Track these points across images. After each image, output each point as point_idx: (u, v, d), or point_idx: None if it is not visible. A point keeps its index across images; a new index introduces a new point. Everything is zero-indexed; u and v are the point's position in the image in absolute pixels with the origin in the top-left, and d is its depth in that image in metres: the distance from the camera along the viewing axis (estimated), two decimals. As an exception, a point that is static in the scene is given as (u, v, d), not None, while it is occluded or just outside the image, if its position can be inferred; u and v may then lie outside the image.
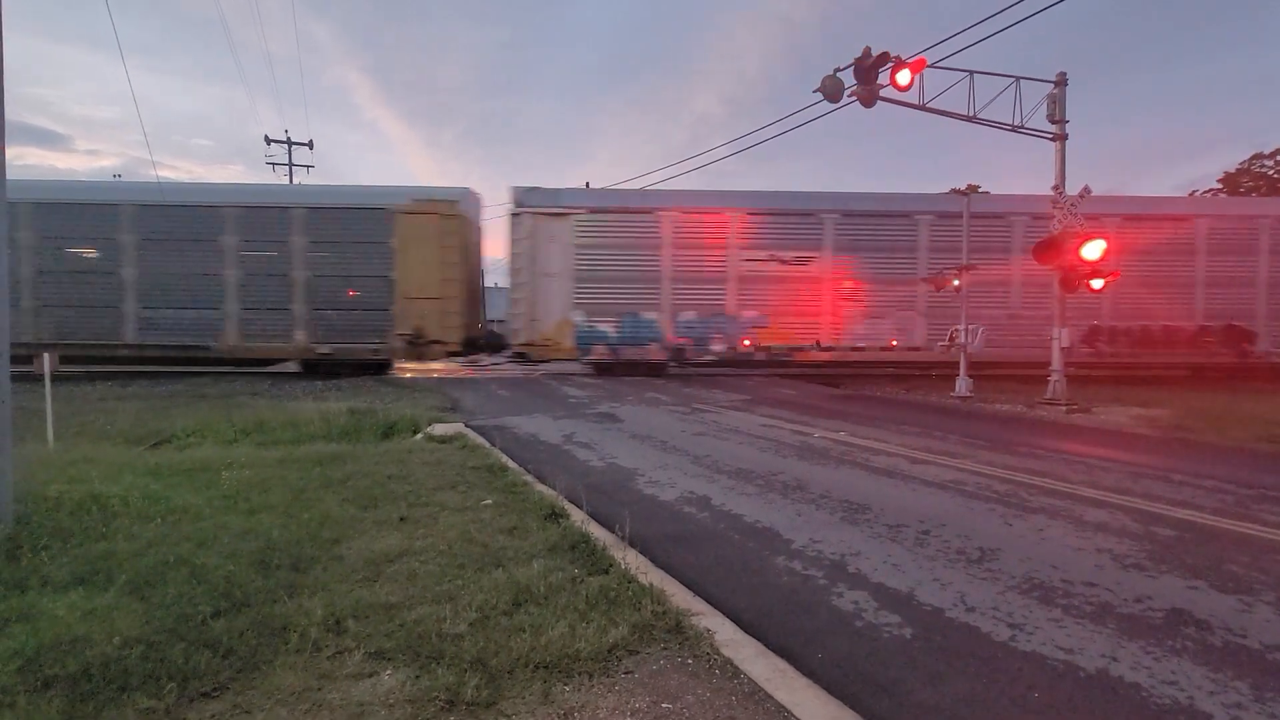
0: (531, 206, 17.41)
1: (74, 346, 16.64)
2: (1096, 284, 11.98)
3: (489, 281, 23.75)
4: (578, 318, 17.54)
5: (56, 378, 7.87)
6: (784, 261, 17.66)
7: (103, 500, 4.59)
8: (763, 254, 17.64)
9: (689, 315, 17.72)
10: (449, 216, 17.19)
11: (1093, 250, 11.68)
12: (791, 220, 17.79)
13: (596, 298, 17.59)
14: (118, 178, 19.40)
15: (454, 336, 17.33)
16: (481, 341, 19.20)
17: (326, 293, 17.32)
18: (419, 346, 17.25)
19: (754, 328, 17.75)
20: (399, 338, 17.22)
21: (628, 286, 17.62)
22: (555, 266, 17.44)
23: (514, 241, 17.51)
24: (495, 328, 22.89)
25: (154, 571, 3.44)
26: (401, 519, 4.63)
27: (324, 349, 17.28)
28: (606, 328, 17.64)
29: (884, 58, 11.37)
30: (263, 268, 17.23)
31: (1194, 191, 37.83)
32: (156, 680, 2.47)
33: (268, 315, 17.19)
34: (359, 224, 17.27)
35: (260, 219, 17.23)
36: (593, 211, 17.59)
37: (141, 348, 17.24)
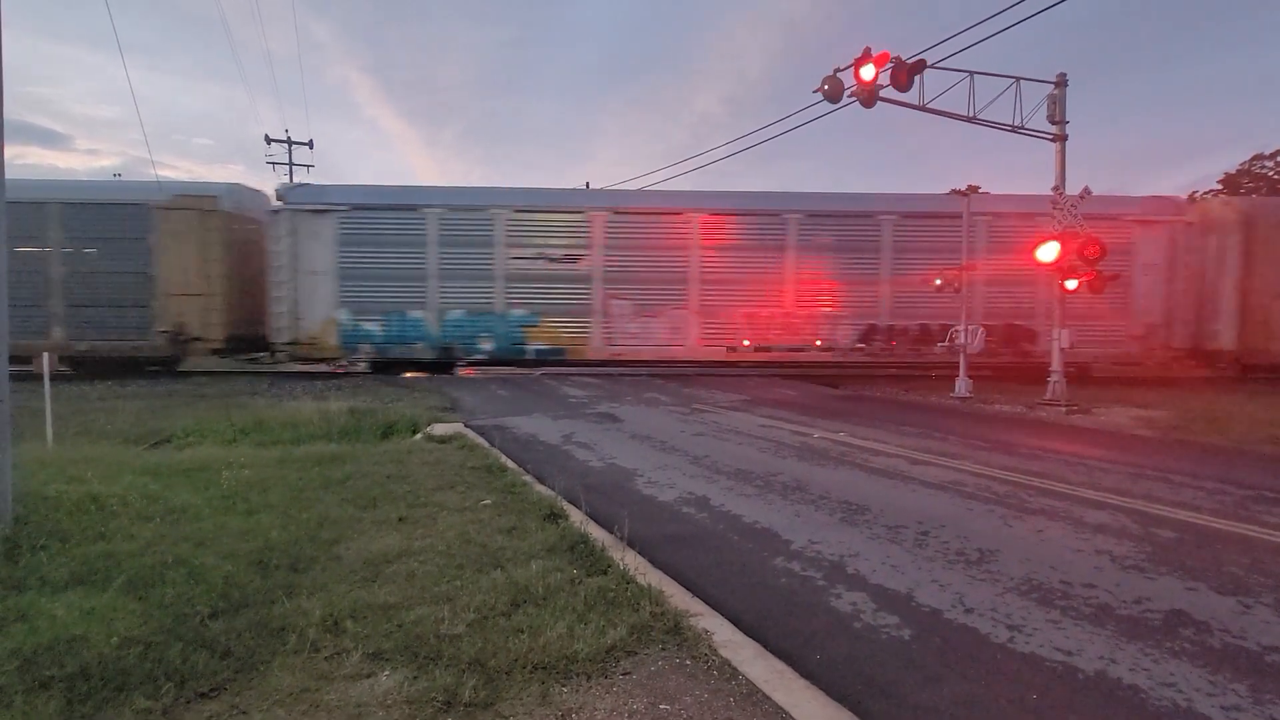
0: (294, 203, 17.10)
1: None
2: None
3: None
4: (343, 316, 17.18)
5: (56, 377, 7.87)
6: (552, 260, 17.53)
7: (101, 500, 4.59)
8: (531, 252, 17.49)
9: (457, 314, 17.43)
10: (210, 213, 16.88)
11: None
12: (563, 218, 17.55)
13: (362, 296, 17.19)
14: (117, 176, 19.34)
15: (216, 334, 17.00)
16: (261, 341, 18.24)
17: (85, 289, 16.85)
18: (181, 344, 16.95)
19: (523, 326, 17.52)
20: (160, 334, 16.87)
21: (394, 285, 17.26)
22: (320, 264, 17.06)
23: (275, 239, 17.08)
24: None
25: (152, 571, 3.44)
26: (400, 519, 4.63)
27: (82, 346, 16.89)
28: (373, 326, 17.25)
29: (883, 58, 11.37)
30: (16, 264, 16.47)
31: (1194, 193, 37.79)
32: (154, 680, 2.47)
33: (23, 312, 16.45)
34: (117, 220, 16.81)
35: (14, 214, 16.93)
36: (357, 208, 17.20)
37: None
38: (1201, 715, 2.53)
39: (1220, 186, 37.15)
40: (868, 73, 11.35)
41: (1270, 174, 35.81)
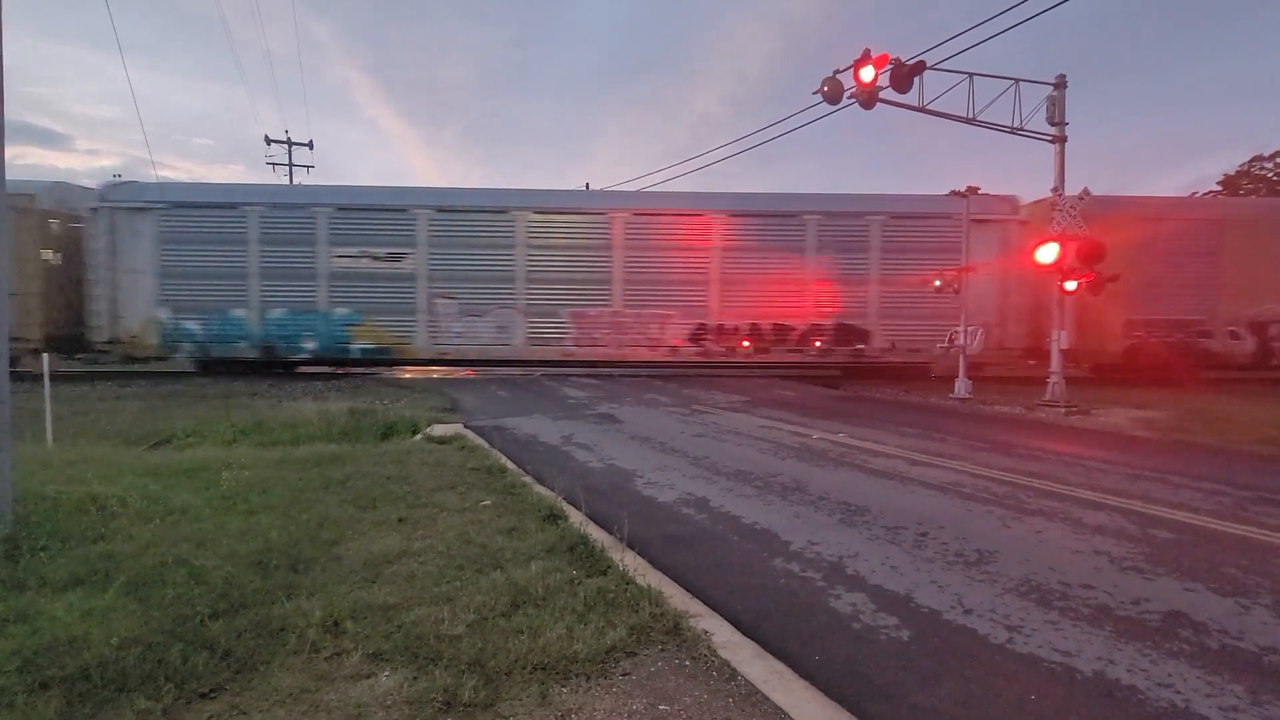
0: (113, 201, 16.86)
1: None
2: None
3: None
4: (164, 315, 16.95)
5: (55, 377, 7.87)
6: (376, 258, 17.35)
7: (101, 501, 4.59)
8: (355, 251, 17.30)
9: (279, 312, 17.22)
10: (25, 210, 16.64)
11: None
12: (387, 216, 17.42)
13: (183, 295, 16.96)
14: (117, 177, 19.30)
15: (34, 334, 16.73)
16: (83, 339, 17.87)
17: None
18: None
19: (347, 325, 17.34)
20: None
21: (216, 283, 17.03)
22: (140, 263, 16.85)
23: (93, 237, 16.89)
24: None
25: (152, 572, 3.45)
26: (400, 520, 4.64)
27: None
28: (194, 325, 17.02)
29: (882, 59, 11.39)
30: None
31: (1194, 193, 37.83)
32: (154, 681, 2.48)
33: None
34: None
35: None
36: (177, 206, 17.01)
37: None
38: (1199, 716, 2.54)
39: (1220, 188, 37.18)
40: (867, 74, 11.37)
41: (1269, 175, 35.85)
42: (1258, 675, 2.84)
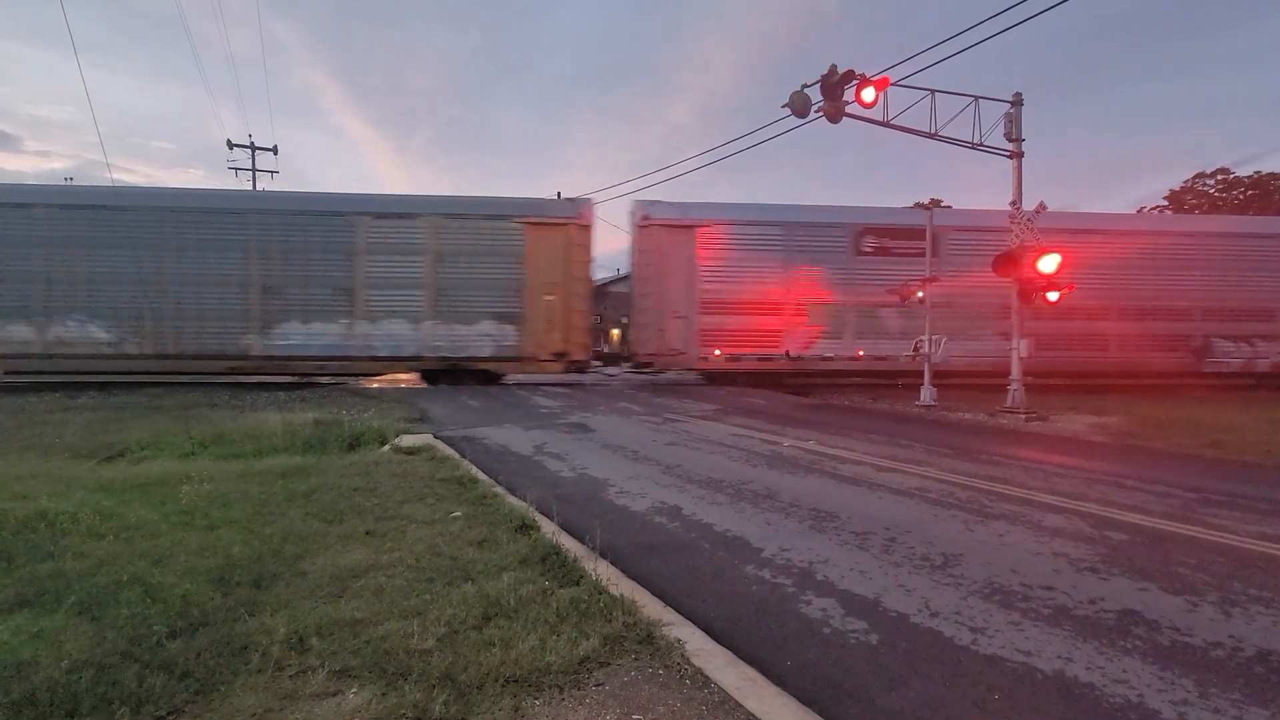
0: None
1: None
2: (1052, 296, 12.45)
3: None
4: None
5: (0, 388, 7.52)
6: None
7: (50, 517, 4.40)
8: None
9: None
10: None
11: (1049, 264, 12.17)
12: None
13: None
14: (69, 181, 18.69)
15: None
16: None
17: None
18: None
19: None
20: None
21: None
22: None
23: None
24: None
25: (106, 591, 3.31)
26: (368, 533, 4.54)
27: None
28: None
29: (849, 75, 11.68)
30: None
31: (1142, 208, 39.53)
32: (108, 704, 2.38)
33: None
34: None
35: None
36: None
37: None
38: (1152, 710, 2.64)
39: (1166, 203, 38.93)
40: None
41: (1211, 191, 37.68)
42: (1206, 670, 2.96)
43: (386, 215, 17.69)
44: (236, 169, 29.71)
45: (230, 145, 29.32)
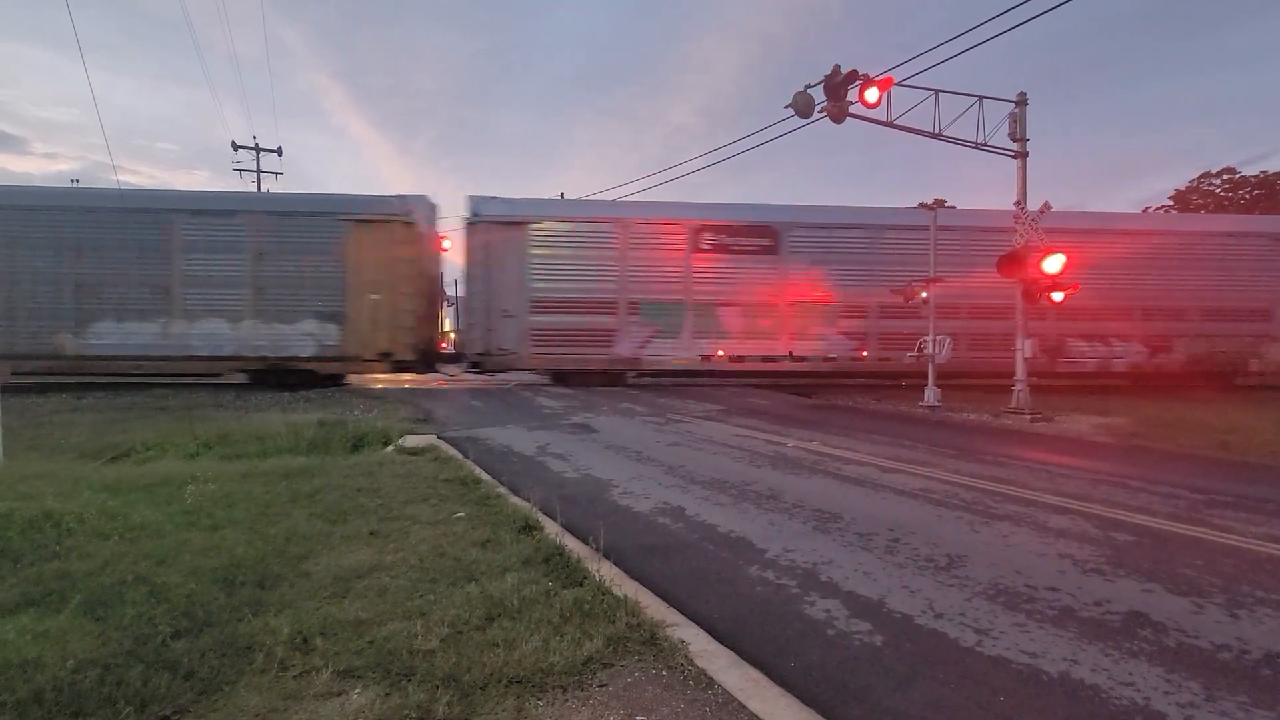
0: None
1: None
2: (1057, 296, 12.41)
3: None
4: None
5: (6, 389, 7.56)
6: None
7: (56, 517, 4.42)
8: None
9: None
10: None
11: (1054, 264, 12.12)
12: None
13: None
14: (75, 182, 18.77)
15: None
16: None
17: None
18: None
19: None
20: None
21: None
22: None
23: None
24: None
25: (111, 591, 3.33)
26: (372, 533, 4.55)
27: None
28: None
29: (853, 75, 11.66)
30: None
31: (1147, 208, 39.38)
32: (113, 704, 2.39)
33: None
34: None
35: None
36: None
37: None
38: (1158, 713, 2.62)
39: (1171, 202, 38.77)
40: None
41: (1217, 191, 37.50)
42: (1212, 672, 2.94)
43: (204, 213, 17.26)
44: (241, 170, 29.84)
45: (235, 147, 29.44)
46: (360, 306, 17.31)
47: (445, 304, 24.97)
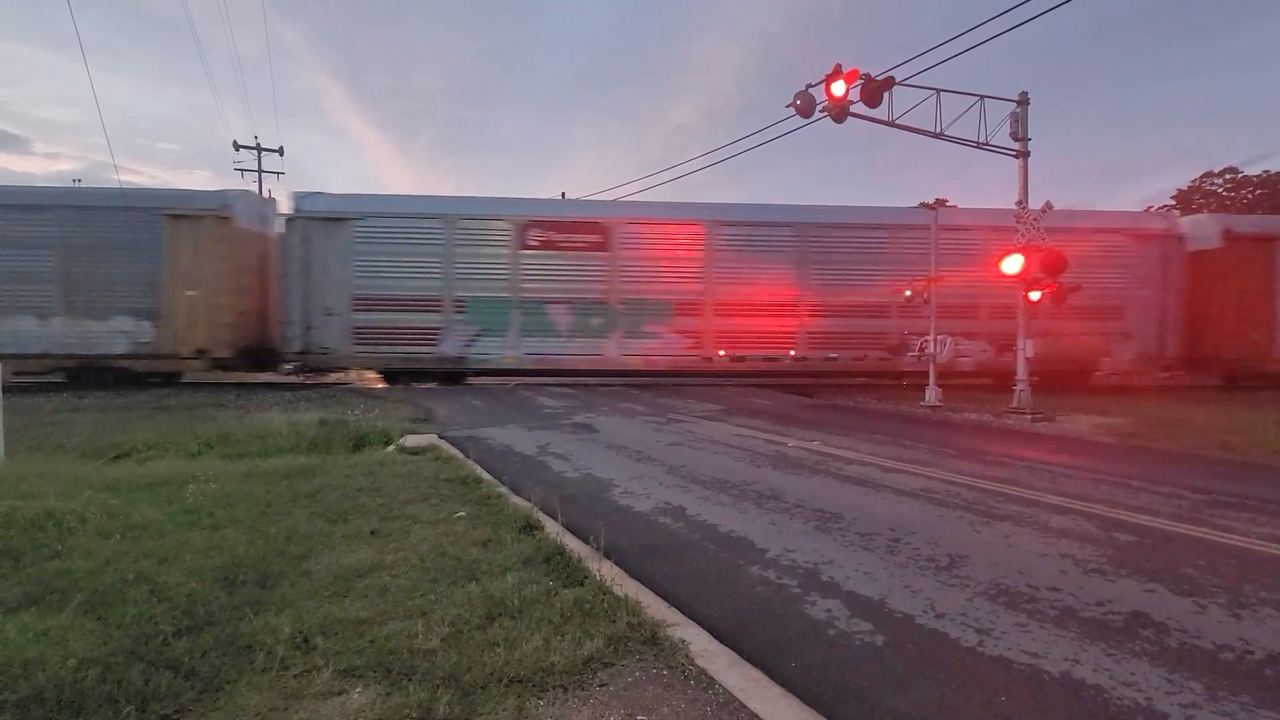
0: None
1: None
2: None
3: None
4: None
5: (8, 389, 7.58)
6: None
7: (58, 517, 4.42)
8: None
9: None
10: None
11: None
12: None
13: None
14: (77, 182, 18.74)
15: None
16: None
17: None
18: None
19: None
20: None
21: None
22: None
23: None
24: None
25: (112, 590, 3.33)
26: (372, 533, 4.55)
27: None
28: None
29: (854, 75, 11.65)
30: None
31: (1149, 207, 39.27)
32: (114, 703, 2.39)
33: None
34: None
35: None
36: None
37: None
38: (1160, 713, 2.61)
39: (1173, 202, 38.72)
40: (838, 89, 11.61)
41: (1219, 190, 37.44)
42: (1215, 672, 2.93)
43: (8, 207, 16.84)
44: (243, 170, 29.86)
45: (236, 146, 29.45)
46: (176, 303, 16.84)
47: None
